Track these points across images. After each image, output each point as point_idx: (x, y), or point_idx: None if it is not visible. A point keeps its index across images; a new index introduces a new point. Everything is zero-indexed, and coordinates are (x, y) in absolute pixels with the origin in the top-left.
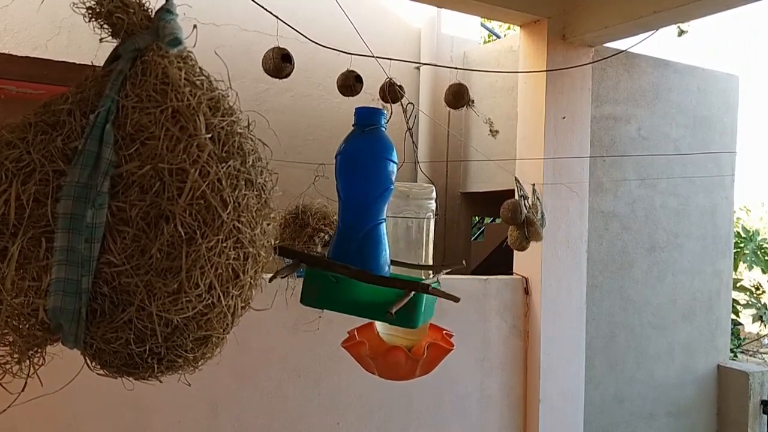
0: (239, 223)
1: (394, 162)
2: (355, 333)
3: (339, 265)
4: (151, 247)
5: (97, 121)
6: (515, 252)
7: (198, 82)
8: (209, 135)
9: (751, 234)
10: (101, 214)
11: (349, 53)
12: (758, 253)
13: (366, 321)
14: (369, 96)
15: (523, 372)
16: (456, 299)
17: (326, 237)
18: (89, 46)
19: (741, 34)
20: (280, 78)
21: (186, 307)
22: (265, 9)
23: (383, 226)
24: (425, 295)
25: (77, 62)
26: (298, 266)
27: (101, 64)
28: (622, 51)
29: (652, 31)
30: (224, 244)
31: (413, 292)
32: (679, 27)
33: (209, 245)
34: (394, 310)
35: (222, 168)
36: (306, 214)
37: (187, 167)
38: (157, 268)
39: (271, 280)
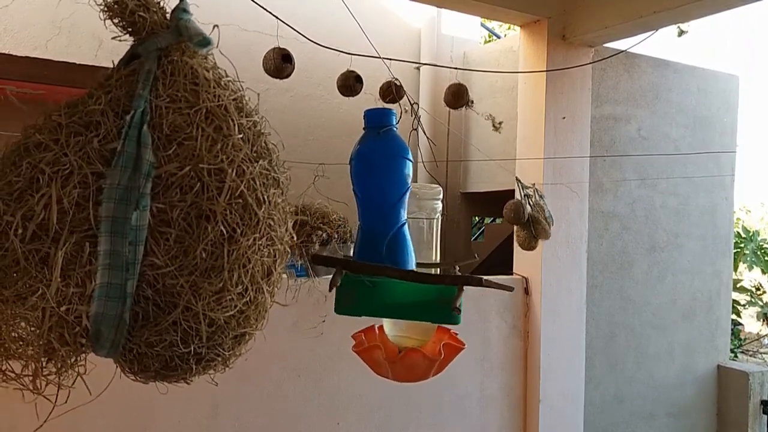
0: (271, 221)
1: (411, 161)
2: (363, 336)
3: (387, 268)
4: (195, 248)
5: (133, 122)
6: (515, 252)
7: (223, 83)
8: (241, 135)
9: (751, 234)
10: (144, 216)
11: (349, 53)
12: (758, 253)
13: (369, 324)
14: (370, 96)
15: (523, 372)
16: (510, 289)
17: (324, 235)
18: (89, 46)
19: (741, 34)
20: (281, 78)
21: (229, 305)
22: (265, 9)
23: (407, 227)
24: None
25: (77, 62)
26: (342, 273)
27: (101, 64)
28: (622, 51)
29: (652, 31)
30: (260, 242)
31: (464, 287)
32: (679, 27)
33: (248, 243)
34: (457, 304)
35: (255, 167)
36: (305, 213)
37: (225, 167)
38: (201, 268)
39: (331, 289)
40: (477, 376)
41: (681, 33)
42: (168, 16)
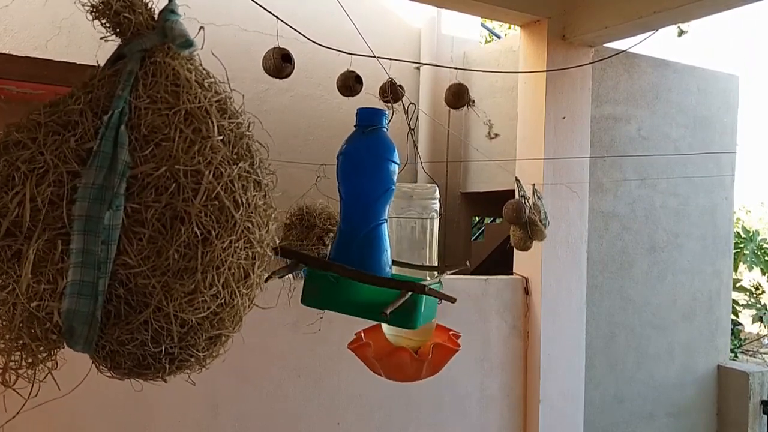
0: (250, 223)
1: (396, 162)
2: (362, 334)
3: (336, 265)
4: (168, 248)
5: (111, 122)
6: (515, 252)
7: (206, 84)
8: (221, 137)
9: (751, 234)
10: (118, 215)
11: (349, 53)
12: (758, 253)
13: (373, 322)
14: (370, 96)
15: (523, 372)
16: (452, 300)
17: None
18: (89, 46)
19: (741, 34)
20: (281, 78)
21: (201, 306)
22: (265, 9)
23: (384, 226)
24: (425, 296)
25: (77, 62)
26: (296, 266)
27: (101, 65)
28: (622, 51)
29: (652, 31)
30: (236, 245)
31: (409, 293)
32: (679, 27)
33: (223, 245)
34: (388, 311)
35: (234, 169)
36: (311, 215)
37: (202, 169)
38: (173, 269)
39: (267, 280)
40: (477, 376)
41: (681, 33)
42: (156, 17)
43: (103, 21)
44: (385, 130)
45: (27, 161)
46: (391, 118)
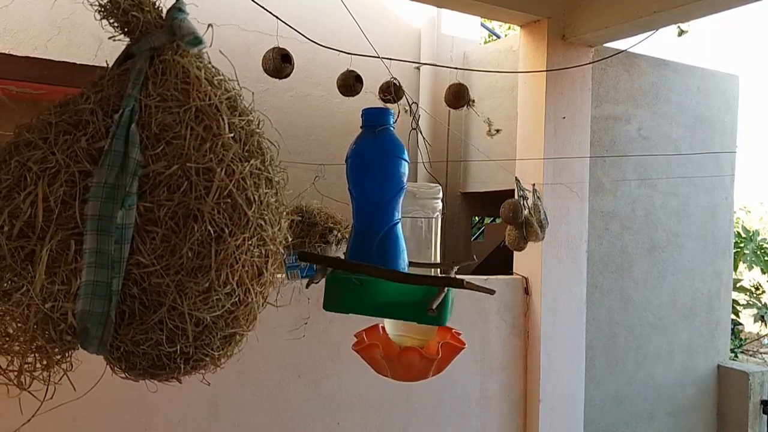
0: (262, 220)
1: (406, 161)
2: (364, 335)
3: (369, 267)
4: (181, 247)
5: (121, 121)
6: (515, 252)
7: (216, 82)
8: (232, 134)
9: (751, 234)
10: (130, 214)
11: (349, 53)
12: (758, 253)
13: (372, 323)
14: (370, 96)
15: (523, 372)
16: (492, 292)
17: (338, 235)
18: (89, 46)
19: (741, 34)
20: (280, 78)
21: (216, 305)
22: (265, 9)
23: (399, 226)
24: (451, 293)
25: (77, 62)
26: (326, 271)
27: (102, 64)
28: (622, 51)
29: (652, 31)
30: (250, 242)
31: (447, 289)
32: (679, 27)
33: (237, 243)
34: (434, 306)
35: (246, 167)
36: (312, 214)
37: (214, 166)
38: (187, 268)
39: (307, 286)
40: (477, 376)
41: (681, 33)
42: (163, 15)
43: (111, 20)
44: (393, 129)
45: (39, 161)
46: (398, 117)
